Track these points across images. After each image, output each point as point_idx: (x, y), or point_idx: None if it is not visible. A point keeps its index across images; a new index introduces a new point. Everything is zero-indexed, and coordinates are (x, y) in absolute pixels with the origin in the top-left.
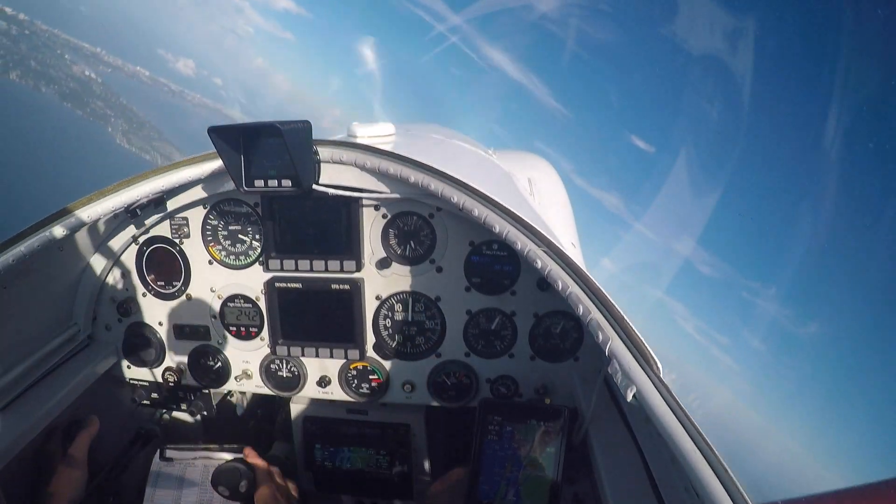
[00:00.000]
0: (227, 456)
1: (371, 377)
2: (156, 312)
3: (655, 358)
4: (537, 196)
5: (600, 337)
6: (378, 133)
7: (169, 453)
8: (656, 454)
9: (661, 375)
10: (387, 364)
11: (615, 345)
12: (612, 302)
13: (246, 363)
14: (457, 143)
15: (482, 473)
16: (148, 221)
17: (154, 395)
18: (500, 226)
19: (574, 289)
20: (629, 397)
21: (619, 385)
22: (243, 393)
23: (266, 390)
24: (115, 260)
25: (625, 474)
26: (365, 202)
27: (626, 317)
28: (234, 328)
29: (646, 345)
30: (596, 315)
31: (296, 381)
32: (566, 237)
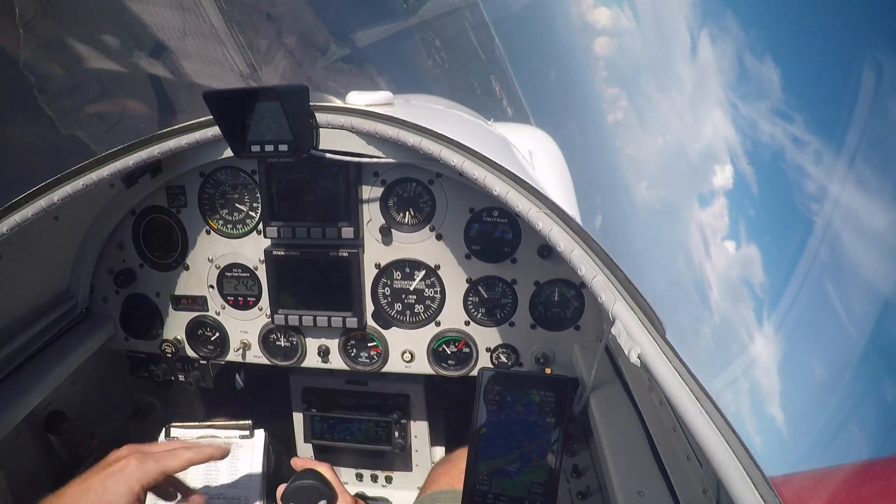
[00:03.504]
0: (234, 434)
1: (370, 346)
2: (153, 283)
3: (661, 319)
4: (538, 168)
5: (603, 297)
6: (376, 101)
7: (174, 432)
8: (658, 423)
9: (667, 336)
10: (386, 333)
11: (619, 306)
12: (616, 263)
13: (244, 333)
14: (456, 113)
15: (481, 445)
16: (144, 190)
17: (152, 368)
18: (500, 188)
19: (577, 250)
20: (633, 358)
21: (623, 347)
22: (242, 365)
23: (265, 361)
24: (111, 230)
25: (626, 445)
26: (364, 168)
27: (629, 277)
28: (232, 298)
29: (650, 306)
30: (599, 276)
31: (294, 352)
32: (567, 210)
